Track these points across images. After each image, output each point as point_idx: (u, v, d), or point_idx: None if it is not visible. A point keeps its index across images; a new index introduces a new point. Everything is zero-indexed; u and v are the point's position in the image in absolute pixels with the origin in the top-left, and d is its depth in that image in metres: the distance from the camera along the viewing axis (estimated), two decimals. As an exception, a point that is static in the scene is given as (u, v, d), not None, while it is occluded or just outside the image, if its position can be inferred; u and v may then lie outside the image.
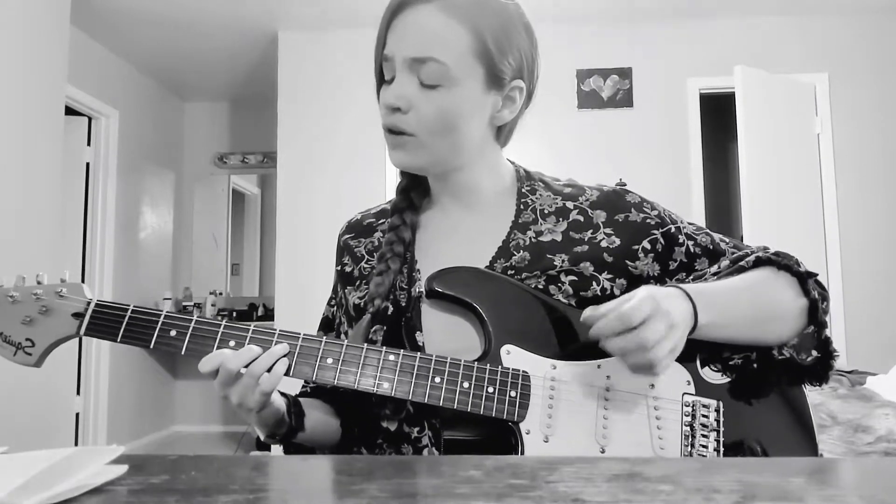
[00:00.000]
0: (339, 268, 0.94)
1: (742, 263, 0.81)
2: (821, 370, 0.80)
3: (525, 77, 0.85)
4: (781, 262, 0.80)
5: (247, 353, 0.72)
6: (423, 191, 0.91)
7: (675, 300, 0.70)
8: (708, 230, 0.89)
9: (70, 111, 3.66)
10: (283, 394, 0.82)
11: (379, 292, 0.81)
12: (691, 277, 0.84)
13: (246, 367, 0.72)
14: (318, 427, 0.85)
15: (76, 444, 3.86)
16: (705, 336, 0.74)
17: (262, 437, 0.82)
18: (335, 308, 0.96)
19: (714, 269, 0.83)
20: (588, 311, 0.69)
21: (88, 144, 4.16)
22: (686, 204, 3.73)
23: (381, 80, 0.83)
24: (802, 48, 3.85)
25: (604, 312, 0.67)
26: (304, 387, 0.95)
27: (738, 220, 4.37)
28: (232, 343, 0.74)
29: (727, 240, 0.89)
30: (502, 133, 0.89)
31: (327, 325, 0.97)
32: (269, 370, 0.72)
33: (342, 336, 0.91)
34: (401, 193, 0.91)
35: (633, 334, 0.65)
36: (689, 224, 0.89)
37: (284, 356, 0.73)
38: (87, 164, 4.15)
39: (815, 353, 0.79)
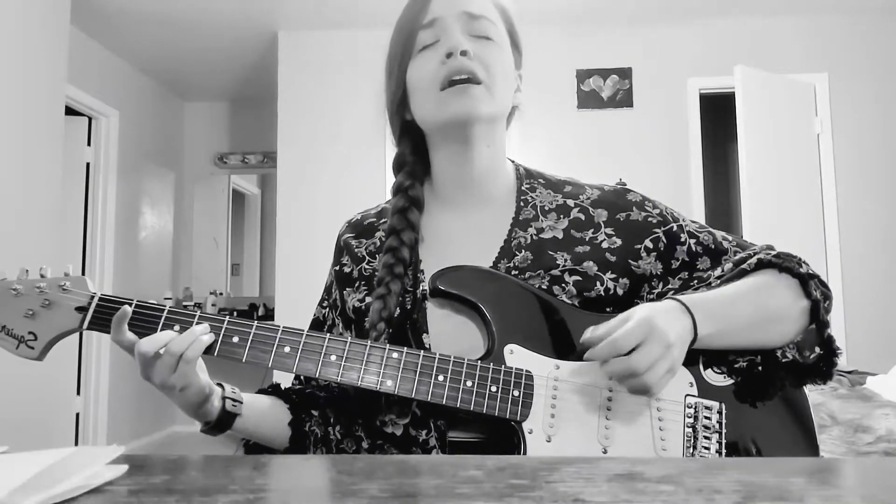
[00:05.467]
0: (336, 268, 0.92)
1: (744, 266, 0.81)
2: (825, 368, 0.80)
3: (520, 71, 0.90)
4: (783, 265, 0.79)
5: (165, 336, 0.73)
6: (421, 188, 0.88)
7: (672, 316, 0.71)
8: (710, 228, 0.89)
9: (70, 111, 3.66)
10: (220, 385, 0.80)
11: (383, 316, 0.79)
12: (695, 280, 0.84)
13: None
14: (260, 420, 0.83)
15: (76, 444, 3.85)
16: (707, 345, 0.75)
17: (199, 428, 0.82)
18: (327, 309, 0.93)
19: (718, 272, 0.83)
20: (587, 333, 0.71)
21: (88, 144, 4.16)
22: (686, 204, 3.73)
23: (409, 56, 0.84)
24: (802, 48, 3.85)
25: (600, 335, 0.69)
26: (261, 389, 0.92)
27: (739, 220, 4.37)
28: (235, 339, 0.75)
29: (730, 238, 0.88)
30: (508, 124, 0.91)
31: (317, 328, 0.93)
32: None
33: None
34: (398, 192, 0.87)
35: (624, 361, 0.67)
36: (692, 222, 0.88)
37: (208, 334, 0.74)
38: (88, 164, 4.15)
39: (818, 349, 0.79)
